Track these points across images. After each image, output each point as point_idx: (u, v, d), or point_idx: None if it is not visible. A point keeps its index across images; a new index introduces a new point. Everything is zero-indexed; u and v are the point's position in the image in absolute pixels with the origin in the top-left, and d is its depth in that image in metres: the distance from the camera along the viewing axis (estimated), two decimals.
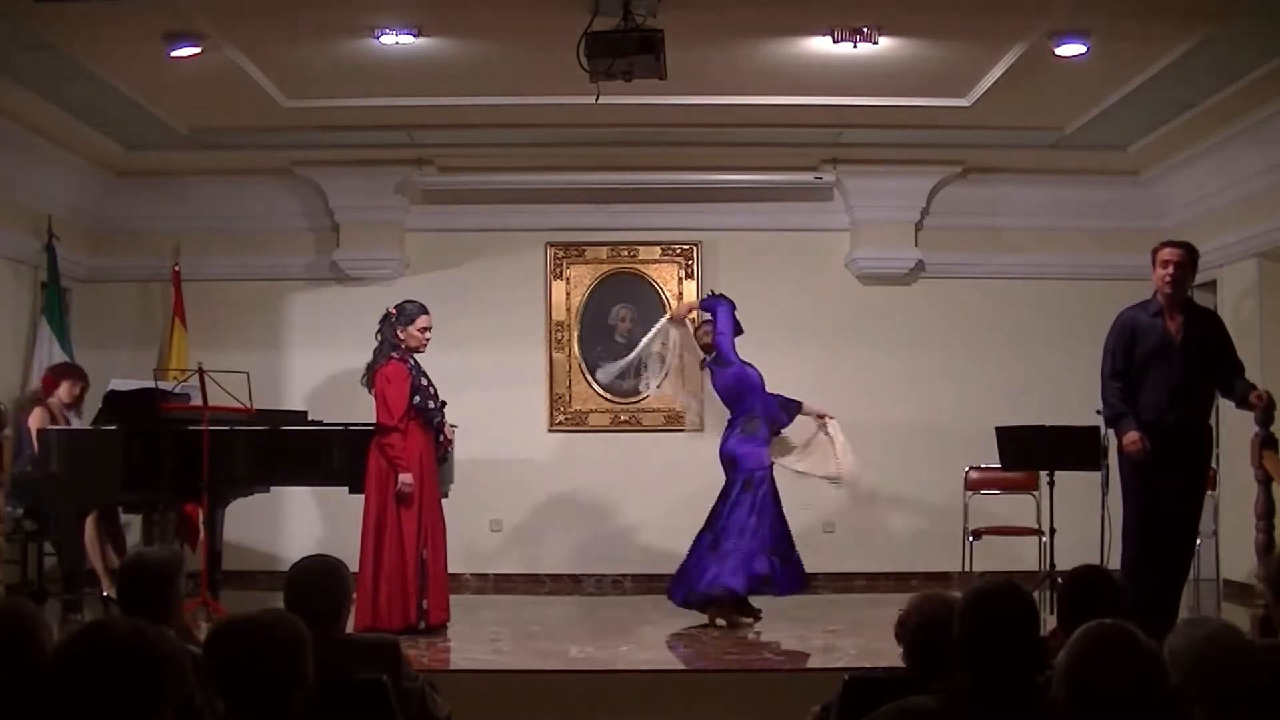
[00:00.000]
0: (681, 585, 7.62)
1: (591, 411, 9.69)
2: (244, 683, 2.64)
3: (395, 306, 7.31)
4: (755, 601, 7.67)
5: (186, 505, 8.44)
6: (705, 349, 7.91)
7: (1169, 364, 6.17)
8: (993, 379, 9.49)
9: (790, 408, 7.93)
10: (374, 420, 7.12)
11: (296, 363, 9.62)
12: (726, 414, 7.92)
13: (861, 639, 7.08)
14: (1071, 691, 2.55)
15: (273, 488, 8.51)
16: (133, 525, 8.66)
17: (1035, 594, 6.90)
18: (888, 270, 9.63)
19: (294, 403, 9.06)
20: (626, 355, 8.40)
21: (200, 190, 9.59)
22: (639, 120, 8.27)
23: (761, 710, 5.72)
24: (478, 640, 7.19)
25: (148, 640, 2.29)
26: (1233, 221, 8.64)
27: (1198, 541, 6.87)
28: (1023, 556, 8.37)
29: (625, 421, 9.70)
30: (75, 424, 8.21)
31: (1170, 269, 6.25)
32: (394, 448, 7.03)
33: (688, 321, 8.19)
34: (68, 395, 8.20)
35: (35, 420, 7.91)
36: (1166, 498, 6.17)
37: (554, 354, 9.68)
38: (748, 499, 7.51)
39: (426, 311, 7.30)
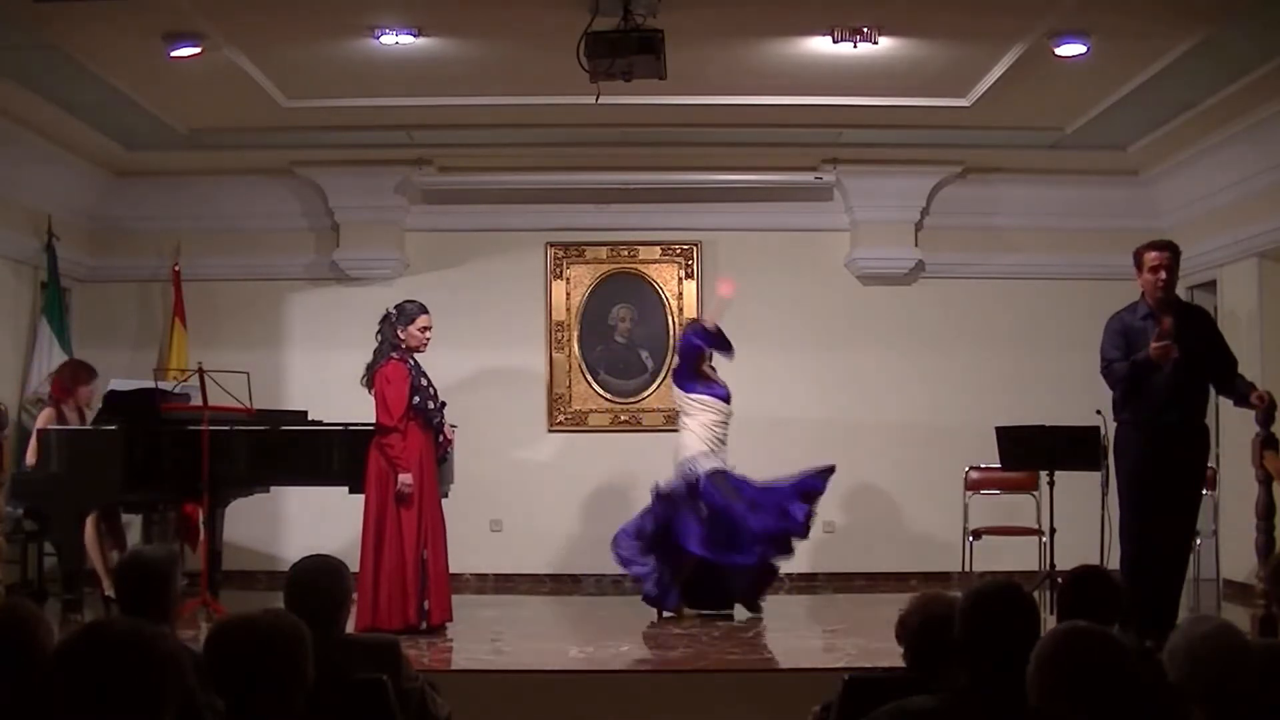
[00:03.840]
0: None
1: (591, 411, 9.69)
2: (244, 682, 2.64)
3: (395, 306, 7.31)
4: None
5: (186, 505, 8.44)
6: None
7: (1164, 365, 6.16)
8: (993, 379, 9.49)
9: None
10: (374, 420, 7.12)
11: (296, 363, 9.62)
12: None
13: (861, 639, 7.07)
14: (1044, 695, 2.55)
15: (273, 488, 8.51)
16: (133, 525, 8.66)
17: (1035, 594, 6.91)
18: (888, 270, 9.63)
19: (294, 403, 9.06)
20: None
21: (200, 190, 9.59)
22: (639, 120, 8.27)
23: (761, 710, 5.72)
24: (478, 640, 7.19)
25: (147, 640, 2.29)
26: (1233, 221, 8.64)
27: (1196, 541, 6.88)
28: (1023, 556, 8.36)
29: (625, 421, 9.70)
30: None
31: (1160, 273, 6.25)
32: (394, 448, 7.02)
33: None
34: (86, 398, 8.11)
35: (41, 422, 7.81)
36: (1164, 497, 6.17)
37: (554, 354, 9.68)
38: None
39: (426, 311, 7.29)
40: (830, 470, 7.79)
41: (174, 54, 6.79)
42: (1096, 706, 2.50)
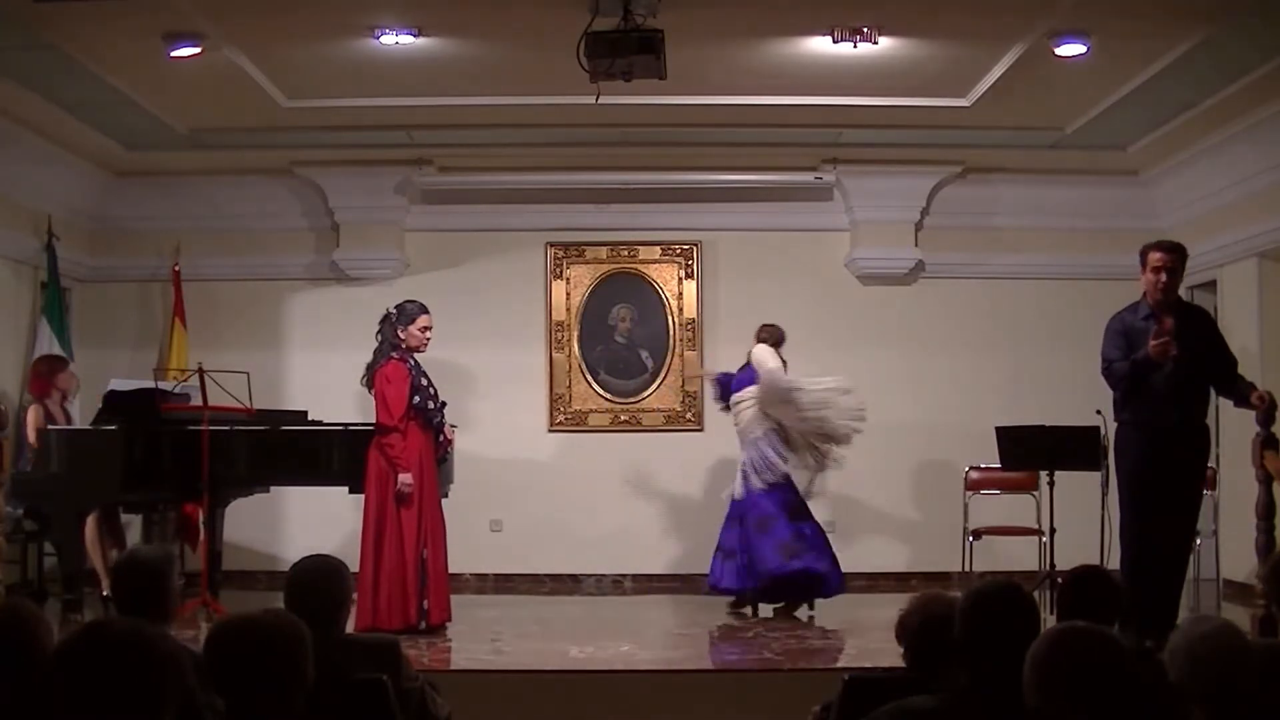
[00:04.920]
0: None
1: (591, 411, 9.69)
2: (244, 683, 2.64)
3: (395, 306, 7.31)
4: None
5: (186, 505, 8.44)
6: None
7: (1165, 366, 6.16)
8: (993, 379, 9.49)
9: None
10: (374, 420, 7.12)
11: (296, 363, 9.62)
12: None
13: (861, 639, 7.08)
14: (1040, 696, 2.54)
15: (273, 488, 8.51)
16: (133, 525, 8.66)
17: (1035, 594, 6.91)
18: (888, 270, 9.63)
19: (294, 403, 9.06)
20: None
21: (200, 190, 9.59)
22: (639, 120, 8.27)
23: (761, 710, 5.72)
24: (478, 640, 7.19)
25: (147, 640, 2.29)
26: (1233, 221, 8.64)
27: (1196, 541, 6.88)
28: (1023, 556, 8.37)
29: (625, 421, 9.70)
30: (74, 415, 8.24)
31: (1162, 275, 6.25)
32: (394, 448, 7.02)
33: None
34: (64, 385, 8.21)
35: (32, 420, 7.89)
36: (1164, 498, 6.17)
37: (554, 354, 9.68)
38: None
39: (427, 311, 7.29)
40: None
41: (174, 54, 6.79)
42: (1092, 707, 2.49)
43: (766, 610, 7.87)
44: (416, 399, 7.11)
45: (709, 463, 9.35)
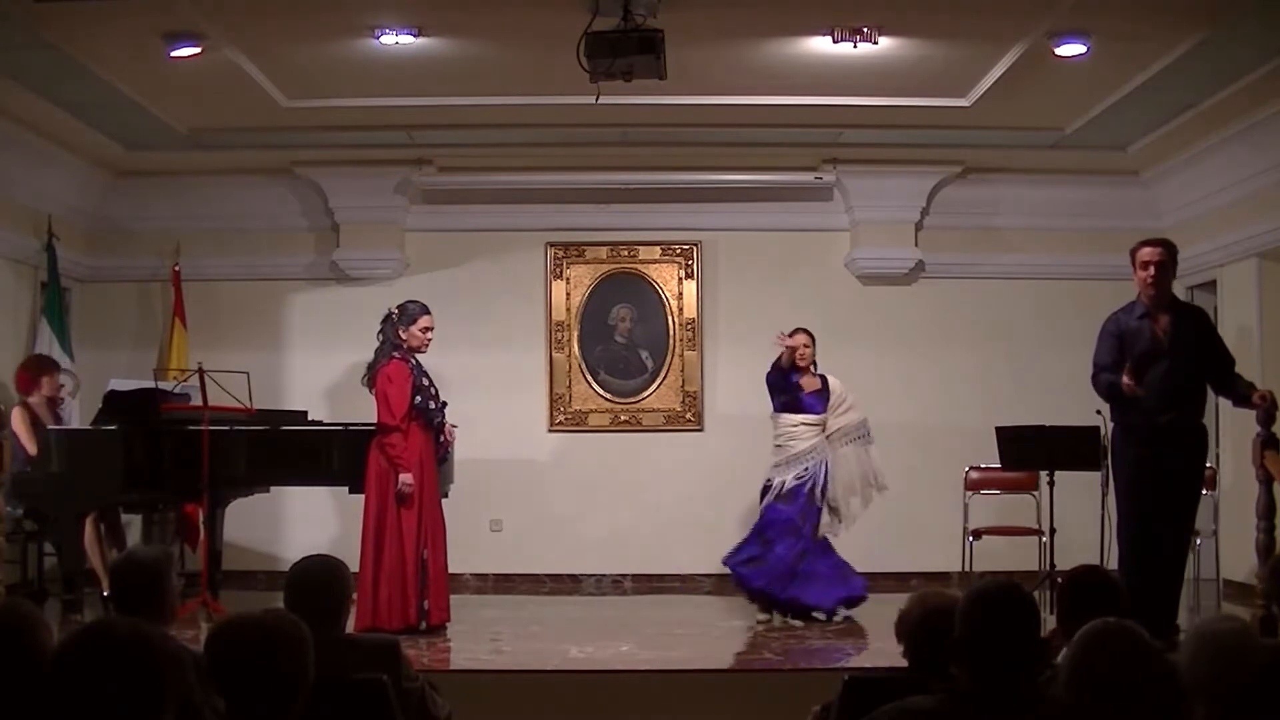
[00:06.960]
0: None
1: (591, 411, 9.69)
2: (245, 683, 2.64)
3: (397, 306, 7.31)
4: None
5: (186, 505, 8.44)
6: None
7: (1160, 365, 6.16)
8: (992, 379, 9.49)
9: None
10: (375, 420, 7.12)
11: (296, 363, 9.62)
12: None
13: (862, 639, 7.08)
14: (1076, 689, 2.55)
15: (273, 488, 8.51)
16: (133, 525, 8.66)
17: (1035, 594, 6.91)
18: (888, 270, 9.63)
19: (294, 403, 9.06)
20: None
21: (200, 190, 9.59)
22: (639, 120, 8.27)
23: (761, 710, 5.72)
24: (478, 640, 7.19)
25: (148, 640, 2.29)
26: (1233, 221, 8.64)
27: (1196, 541, 6.87)
28: (1023, 556, 8.36)
29: (625, 421, 9.70)
30: (64, 420, 8.18)
31: (1151, 269, 6.25)
32: (395, 448, 7.02)
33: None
34: (50, 390, 8.07)
35: (17, 421, 7.63)
36: (1162, 497, 6.17)
37: (554, 354, 9.68)
38: None
39: (428, 311, 7.30)
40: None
41: (174, 54, 6.79)
42: (1123, 703, 2.50)
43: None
44: (418, 399, 7.12)
45: (709, 463, 9.35)
